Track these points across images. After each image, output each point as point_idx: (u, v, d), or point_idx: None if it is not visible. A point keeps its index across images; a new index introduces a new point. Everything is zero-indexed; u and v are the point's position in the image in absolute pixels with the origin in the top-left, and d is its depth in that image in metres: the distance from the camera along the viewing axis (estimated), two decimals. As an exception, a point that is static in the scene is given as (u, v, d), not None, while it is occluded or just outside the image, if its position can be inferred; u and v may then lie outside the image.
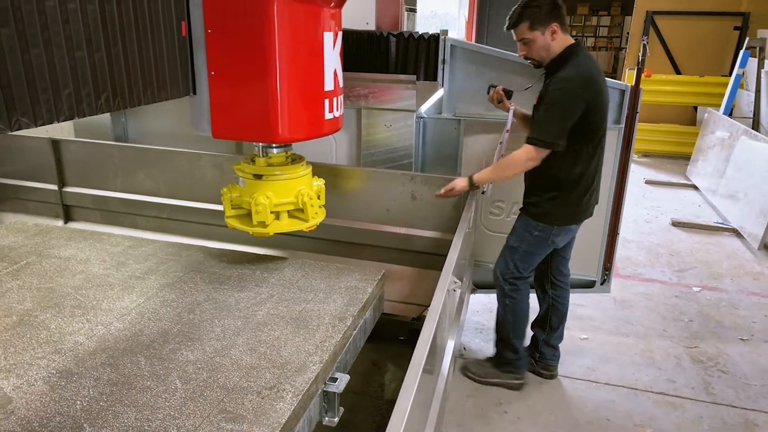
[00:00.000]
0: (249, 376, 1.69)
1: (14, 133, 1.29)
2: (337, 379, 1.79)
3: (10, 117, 1.28)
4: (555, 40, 2.38)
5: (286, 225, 2.35)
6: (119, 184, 3.21)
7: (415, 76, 3.00)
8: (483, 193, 2.78)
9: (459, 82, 3.05)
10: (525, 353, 2.94)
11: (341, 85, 2.32)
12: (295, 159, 2.39)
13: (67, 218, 3.35)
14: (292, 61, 2.02)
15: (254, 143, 2.31)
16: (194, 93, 2.07)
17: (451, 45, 2.98)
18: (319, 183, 2.45)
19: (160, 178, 3.14)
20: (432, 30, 3.15)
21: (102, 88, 1.55)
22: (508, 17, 2.43)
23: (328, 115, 2.24)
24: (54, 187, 3.29)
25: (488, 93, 2.76)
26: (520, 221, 2.69)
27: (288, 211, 2.35)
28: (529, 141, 2.37)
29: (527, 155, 2.38)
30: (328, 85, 2.20)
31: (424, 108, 3.09)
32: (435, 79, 3.06)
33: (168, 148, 3.11)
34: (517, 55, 2.55)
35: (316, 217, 2.39)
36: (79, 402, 1.56)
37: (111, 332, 1.90)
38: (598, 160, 2.55)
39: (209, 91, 2.06)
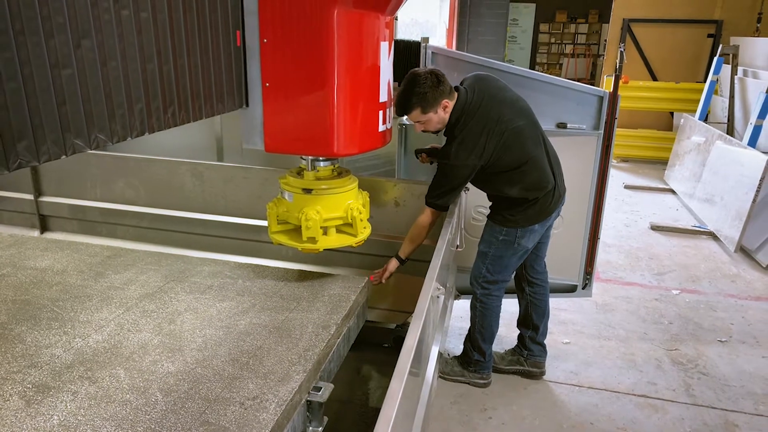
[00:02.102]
0: (231, 387, 1.67)
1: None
2: (321, 388, 1.78)
3: (89, 134, 1.26)
4: (447, 111, 2.41)
5: (335, 240, 2.30)
6: (97, 193, 3.16)
7: (397, 83, 3.01)
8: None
9: (440, 89, 3.06)
10: (491, 356, 2.98)
11: (392, 95, 2.27)
12: (341, 172, 2.34)
13: (44, 228, 3.29)
14: (350, 71, 1.97)
15: (302, 156, 2.26)
16: (247, 105, 2.00)
17: (432, 52, 2.99)
18: (363, 195, 2.39)
19: (139, 187, 3.10)
20: (413, 37, 3.16)
21: (169, 102, 1.53)
22: (396, 104, 2.39)
23: (381, 127, 2.20)
24: (30, 196, 3.23)
25: (418, 158, 2.83)
26: (486, 227, 2.74)
27: (335, 226, 2.31)
28: (426, 202, 2.49)
29: (427, 218, 2.51)
30: (383, 96, 2.16)
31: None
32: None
33: (147, 156, 3.07)
34: (500, 62, 2.58)
35: (363, 231, 2.35)
36: (56, 417, 1.53)
37: (89, 344, 1.87)
38: (542, 169, 2.54)
39: (263, 104, 1.99)
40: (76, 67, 1.19)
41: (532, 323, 2.97)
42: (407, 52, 3.09)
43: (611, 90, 2.92)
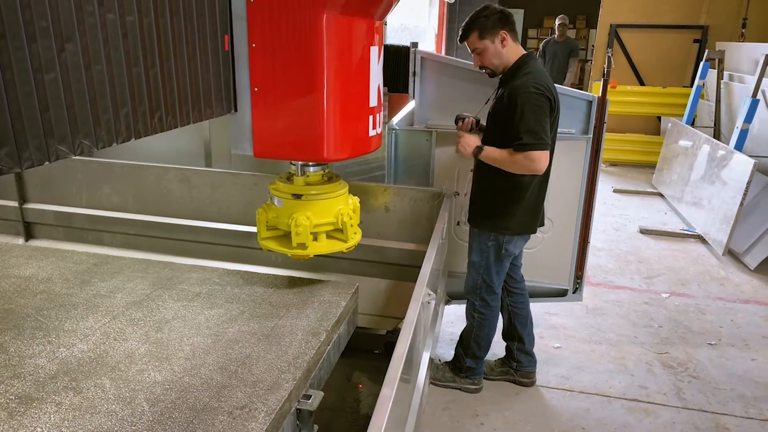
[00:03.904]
0: (220, 396, 1.64)
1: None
2: (311, 396, 1.75)
3: (73, 139, 1.23)
4: (505, 47, 2.42)
5: (325, 246, 2.27)
6: (83, 200, 3.12)
7: (386, 87, 3.01)
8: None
9: (430, 94, 3.06)
10: (483, 362, 2.98)
11: (382, 100, 2.27)
12: (332, 177, 2.32)
13: (28, 236, 3.24)
14: (339, 76, 1.96)
15: (292, 162, 2.24)
16: (235, 110, 1.98)
17: (422, 57, 2.99)
18: (354, 200, 2.36)
19: (126, 193, 3.07)
20: (403, 42, 3.16)
21: (156, 107, 1.50)
22: (460, 30, 2.47)
23: (371, 132, 2.18)
24: (14, 203, 3.18)
25: (457, 124, 2.76)
26: (473, 236, 2.71)
27: (326, 231, 2.28)
28: (521, 148, 2.31)
29: (527, 160, 2.32)
30: (373, 101, 2.15)
31: (396, 120, 3.09)
32: (406, 91, 3.06)
33: (134, 162, 3.04)
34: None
35: (354, 237, 2.32)
36: (39, 429, 1.49)
37: (74, 354, 1.83)
38: (546, 172, 2.52)
39: (252, 109, 1.98)
40: (60, 72, 1.17)
41: (517, 334, 2.96)
42: (397, 57, 3.09)
43: (600, 95, 2.93)
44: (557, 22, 8.32)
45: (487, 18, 2.39)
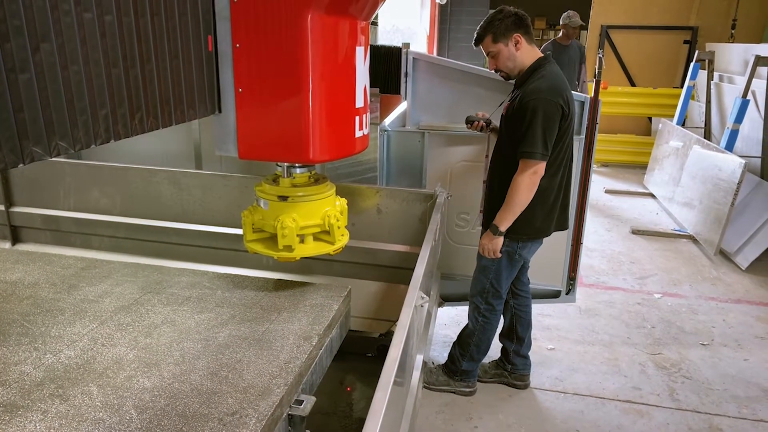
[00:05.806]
0: (210, 402, 1.61)
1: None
2: (303, 401, 1.73)
3: (49, 141, 1.20)
4: (519, 50, 2.40)
5: (312, 249, 2.24)
6: (71, 203, 3.08)
7: (378, 88, 2.99)
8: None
9: (422, 94, 3.04)
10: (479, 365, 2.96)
11: (369, 101, 2.25)
12: (318, 178, 2.29)
13: (15, 240, 3.19)
14: (325, 77, 1.93)
15: (278, 163, 2.21)
16: (219, 111, 1.96)
17: (414, 58, 2.98)
18: (341, 202, 2.33)
19: (114, 196, 3.03)
20: (394, 44, 3.15)
21: (136, 108, 1.47)
22: (475, 33, 2.46)
23: (358, 133, 2.16)
24: (0, 207, 3.13)
25: (467, 125, 2.74)
26: None
27: (312, 233, 2.25)
28: (523, 155, 2.34)
29: (528, 170, 2.34)
30: (359, 102, 2.13)
31: (388, 121, 3.07)
32: (398, 92, 3.05)
33: (122, 165, 3.00)
34: (481, 68, 2.57)
35: (341, 239, 2.30)
36: (24, 438, 1.46)
37: (60, 360, 1.79)
38: (564, 175, 2.54)
39: (236, 110, 1.95)
40: (35, 72, 1.14)
41: (517, 335, 2.94)
42: (389, 58, 3.07)
43: (592, 95, 2.92)
44: (570, 22, 6.18)
45: (502, 21, 2.38)
